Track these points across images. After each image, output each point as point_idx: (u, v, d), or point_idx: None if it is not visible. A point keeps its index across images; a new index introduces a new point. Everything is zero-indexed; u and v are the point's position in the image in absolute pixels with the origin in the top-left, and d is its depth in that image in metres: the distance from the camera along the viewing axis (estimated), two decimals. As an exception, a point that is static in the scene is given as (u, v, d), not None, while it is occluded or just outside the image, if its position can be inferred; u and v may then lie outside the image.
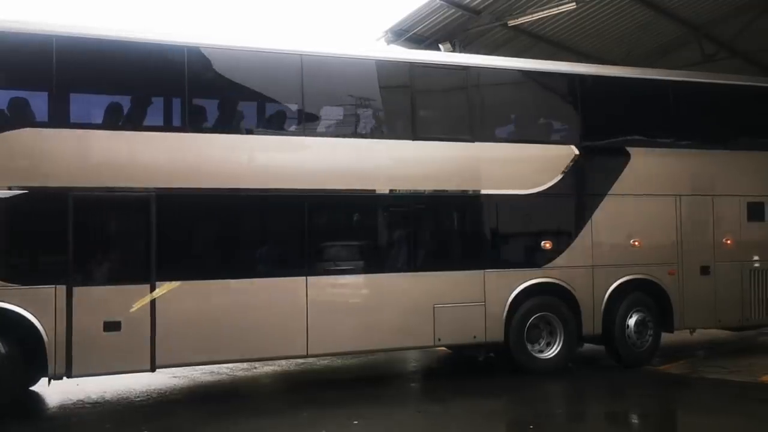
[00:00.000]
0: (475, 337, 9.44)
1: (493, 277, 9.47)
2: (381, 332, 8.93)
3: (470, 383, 9.52)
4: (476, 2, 15.05)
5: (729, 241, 10.83)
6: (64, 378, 7.81)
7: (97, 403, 8.48)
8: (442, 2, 15.05)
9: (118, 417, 7.87)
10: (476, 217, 9.62)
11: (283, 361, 10.59)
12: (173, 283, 8.07)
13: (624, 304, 10.18)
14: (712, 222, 10.74)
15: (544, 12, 14.84)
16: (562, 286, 9.83)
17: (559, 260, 9.84)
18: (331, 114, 9.20)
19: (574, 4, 14.27)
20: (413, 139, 9.23)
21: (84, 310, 7.72)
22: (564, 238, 9.93)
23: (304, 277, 8.59)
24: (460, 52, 15.17)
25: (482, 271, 9.43)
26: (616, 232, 10.21)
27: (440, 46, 16.00)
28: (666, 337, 10.90)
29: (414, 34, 15.75)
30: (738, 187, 10.94)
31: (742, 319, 10.95)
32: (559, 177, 9.84)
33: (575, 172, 9.96)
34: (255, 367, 10.53)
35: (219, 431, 7.32)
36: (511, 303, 9.56)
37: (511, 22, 15.56)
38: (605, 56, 16.80)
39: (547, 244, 9.79)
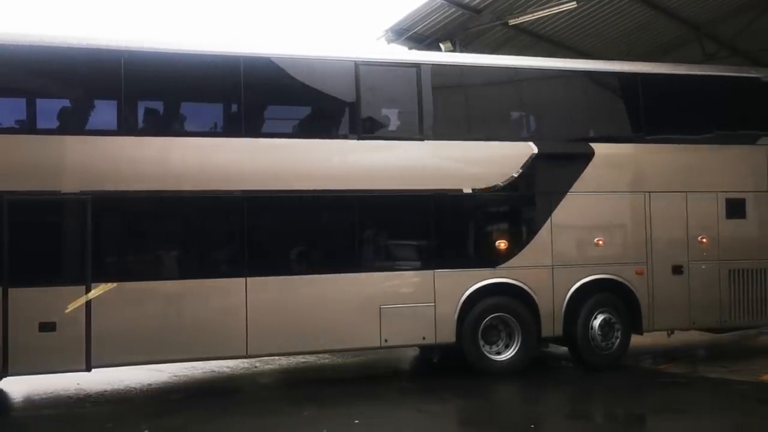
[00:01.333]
0: (424, 338, 9.30)
1: (443, 277, 9.30)
2: (323, 333, 8.85)
3: (471, 382, 9.34)
4: (477, 1, 14.92)
5: (705, 240, 10.36)
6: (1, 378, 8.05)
7: (97, 402, 8.59)
8: (442, 1, 14.95)
9: (119, 416, 7.91)
10: (424, 216, 9.42)
11: (284, 360, 10.70)
12: (108, 284, 8.20)
13: (587, 305, 9.87)
14: (685, 220, 10.30)
15: (545, 11, 14.67)
16: (519, 287, 9.58)
17: (516, 260, 9.59)
18: (270, 114, 9.21)
19: (574, 3, 14.07)
20: (358, 139, 9.15)
21: (19, 311, 7.90)
22: (521, 238, 9.69)
23: (243, 278, 8.61)
24: (460, 51, 15.08)
25: (432, 271, 9.28)
26: (579, 231, 9.90)
27: (441, 45, 15.91)
28: (666, 337, 10.69)
29: (414, 33, 15.73)
30: (715, 182, 10.46)
31: (720, 321, 10.45)
32: (515, 175, 9.60)
33: (532, 169, 9.69)
34: (255, 366, 10.60)
35: (219, 430, 7.36)
36: (464, 304, 9.37)
37: (512, 21, 15.40)
38: (606, 55, 16.50)
39: (501, 244, 9.57)
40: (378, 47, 15.16)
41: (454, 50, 15.39)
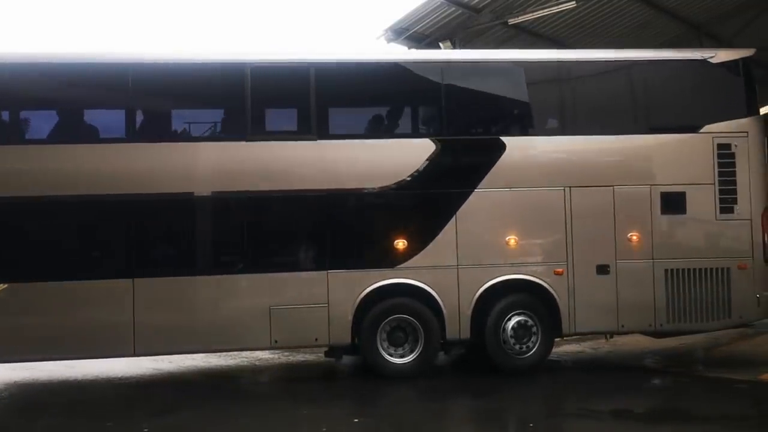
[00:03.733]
0: (316, 339, 9.22)
1: (337, 277, 9.17)
2: (211, 334, 8.96)
3: (471, 382, 9.24)
4: (476, 0, 14.73)
5: (635, 237, 9.62)
6: None
7: (97, 400, 8.84)
8: (442, 0, 14.84)
9: (119, 415, 7.92)
10: (318, 216, 9.31)
11: (284, 359, 10.87)
12: (0, 285, 8.67)
13: (498, 307, 9.43)
14: (612, 216, 9.60)
15: (545, 10, 14.39)
16: (421, 288, 9.30)
17: (416, 260, 9.30)
18: (162, 118, 9.40)
19: (574, 2, 13.80)
20: (247, 140, 9.20)
21: None
22: (421, 237, 9.35)
23: (131, 279, 8.87)
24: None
25: (325, 271, 9.17)
26: (488, 229, 9.45)
27: (440, 44, 15.75)
28: (666, 338, 10.33)
29: (414, 32, 15.66)
30: (648, 175, 9.69)
31: (655, 325, 9.64)
32: (412, 173, 9.31)
33: (433, 166, 9.35)
34: (255, 364, 10.90)
35: (219, 429, 7.38)
36: (360, 305, 9.21)
37: (512, 21, 15.13)
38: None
39: (399, 244, 9.30)
40: (373, 47, 15.23)
41: (453, 49, 15.19)
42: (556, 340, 9.88)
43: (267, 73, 9.31)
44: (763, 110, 21.49)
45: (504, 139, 9.53)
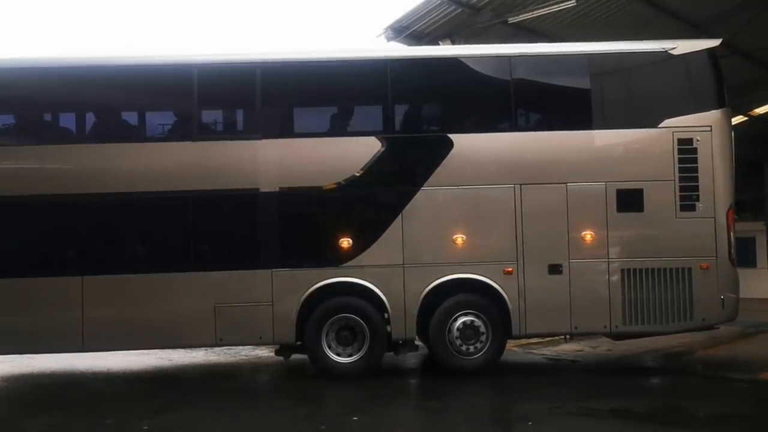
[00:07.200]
0: (261, 338, 9.30)
1: (282, 276, 9.19)
2: (157, 331, 9.10)
3: (470, 382, 9.21)
4: None
5: (590, 236, 9.33)
6: None
7: (98, 399, 8.91)
8: None
9: (119, 414, 7.91)
10: (263, 214, 9.34)
11: (283, 357, 11.07)
12: None
13: (444, 307, 9.30)
14: (566, 214, 9.33)
15: (545, 9, 14.23)
16: (365, 287, 9.23)
17: (361, 259, 9.25)
18: (108, 120, 9.63)
19: (574, 1, 13.66)
20: (192, 140, 9.34)
21: None
22: (366, 236, 9.30)
23: (80, 277, 9.08)
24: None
25: (269, 270, 9.21)
26: (435, 228, 9.32)
27: (440, 42, 15.71)
28: (666, 337, 10.28)
29: (414, 31, 15.75)
30: (603, 172, 9.38)
31: (610, 326, 9.31)
32: (357, 172, 9.26)
33: (378, 165, 9.28)
34: (254, 362, 11.13)
35: (219, 427, 7.38)
36: (305, 304, 9.20)
37: (512, 20, 14.96)
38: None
39: (344, 242, 9.26)
40: (374, 45, 15.33)
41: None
42: (554, 341, 9.75)
43: (214, 73, 9.43)
44: (762, 110, 20.87)
45: (452, 136, 9.39)
